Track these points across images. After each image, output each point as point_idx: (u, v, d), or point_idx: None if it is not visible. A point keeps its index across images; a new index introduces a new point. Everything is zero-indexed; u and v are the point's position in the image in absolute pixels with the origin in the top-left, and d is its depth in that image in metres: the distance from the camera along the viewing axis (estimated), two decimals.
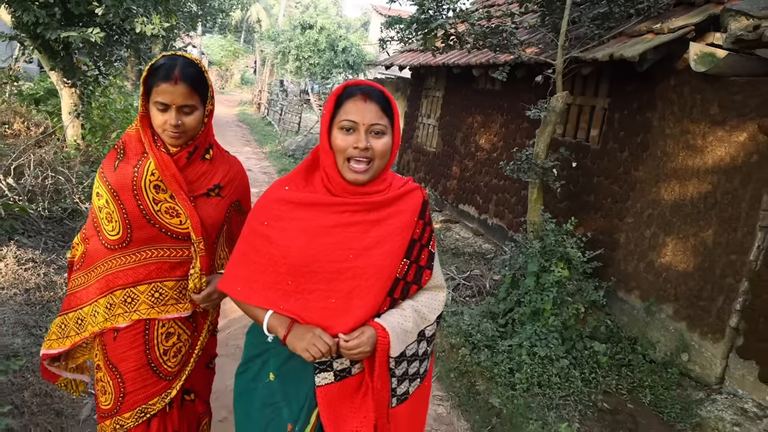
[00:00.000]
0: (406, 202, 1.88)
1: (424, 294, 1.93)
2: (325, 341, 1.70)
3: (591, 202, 6.36)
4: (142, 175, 2.07)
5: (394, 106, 1.82)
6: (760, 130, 4.49)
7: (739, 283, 4.57)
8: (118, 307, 2.13)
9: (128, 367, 2.15)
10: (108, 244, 2.12)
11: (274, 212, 1.83)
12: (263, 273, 1.82)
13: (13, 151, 6.42)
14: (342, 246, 1.77)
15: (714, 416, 4.35)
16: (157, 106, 2.00)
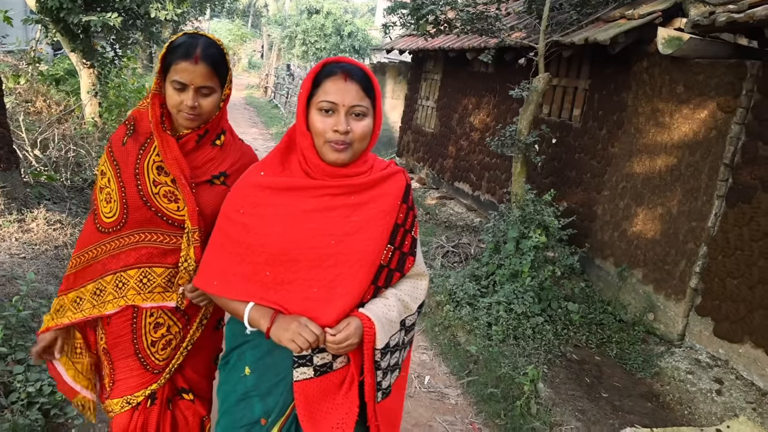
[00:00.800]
0: (389, 185, 1.79)
1: (406, 282, 1.85)
2: (311, 330, 1.61)
3: (573, 177, 6.83)
4: (147, 154, 1.98)
5: (376, 85, 1.72)
6: (718, 108, 4.94)
7: (698, 248, 5.04)
8: (109, 293, 2.04)
9: (118, 354, 2.09)
10: (102, 227, 2.02)
11: (250, 199, 1.73)
12: (240, 264, 1.72)
13: (38, 127, 6.93)
14: (322, 231, 1.68)
15: (671, 366, 4.84)
16: (174, 85, 1.89)
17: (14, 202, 5.25)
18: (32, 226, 5.16)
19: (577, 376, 4.70)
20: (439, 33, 6.52)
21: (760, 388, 4.32)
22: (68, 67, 9.45)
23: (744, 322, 4.53)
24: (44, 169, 6.29)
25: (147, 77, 13.73)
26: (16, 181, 5.36)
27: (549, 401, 4.19)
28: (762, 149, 4.51)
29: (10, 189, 5.21)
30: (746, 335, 4.50)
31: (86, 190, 6.65)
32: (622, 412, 4.25)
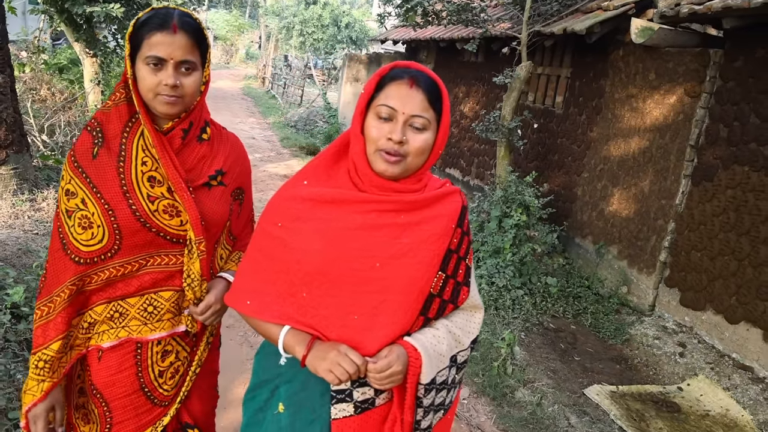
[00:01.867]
0: (444, 206, 1.60)
1: (459, 314, 1.66)
2: (352, 359, 1.44)
3: (555, 160, 7.18)
4: (130, 164, 1.66)
5: (445, 97, 1.55)
6: (685, 93, 5.29)
7: (667, 224, 5.40)
8: (102, 324, 1.74)
9: (116, 393, 1.77)
10: (80, 257, 1.66)
11: (290, 212, 1.56)
12: (276, 283, 1.56)
13: (44, 114, 7.26)
14: (367, 252, 1.50)
15: (640, 333, 5.21)
16: (149, 62, 1.58)
17: (26, 183, 5.59)
18: (43, 205, 5.50)
19: (552, 342, 5.06)
20: (427, 24, 6.85)
21: (720, 350, 4.69)
22: (71, 56, 9.77)
23: (706, 291, 4.89)
24: (51, 153, 6.63)
25: None
26: (27, 164, 5.69)
27: (524, 362, 4.55)
28: (722, 131, 4.86)
29: (21, 171, 5.55)
30: (708, 303, 4.86)
31: None
32: (592, 373, 4.61)
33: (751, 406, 4.17)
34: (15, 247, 4.56)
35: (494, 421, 3.86)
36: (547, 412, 3.95)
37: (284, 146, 12.94)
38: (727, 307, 4.68)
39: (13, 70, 5.35)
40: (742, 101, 4.73)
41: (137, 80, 1.62)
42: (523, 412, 3.96)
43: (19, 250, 4.55)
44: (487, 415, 3.93)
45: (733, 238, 4.68)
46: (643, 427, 3.90)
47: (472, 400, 4.07)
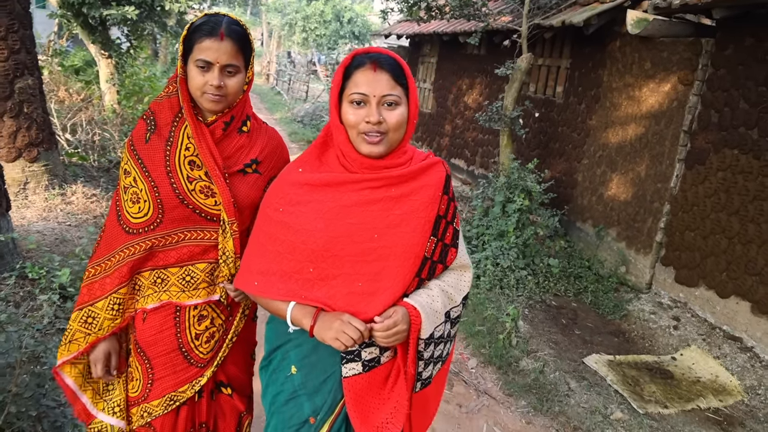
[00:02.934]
0: (430, 176, 1.75)
1: (450, 274, 1.81)
2: (355, 327, 1.58)
3: (556, 148, 7.48)
4: (175, 149, 1.89)
5: (408, 72, 1.69)
6: (679, 81, 5.58)
7: (662, 206, 5.70)
8: (148, 288, 1.96)
9: (157, 351, 1.98)
10: (130, 227, 1.91)
11: (289, 197, 1.71)
12: (281, 262, 1.70)
13: (65, 114, 7.60)
14: (365, 226, 1.66)
15: (637, 309, 5.52)
16: (198, 65, 1.80)
17: (56, 179, 5.92)
18: (72, 199, 5.84)
19: (554, 317, 5.38)
20: (430, 18, 7.15)
21: (711, 323, 5.00)
22: (85, 58, 10.10)
23: (699, 269, 5.20)
24: (75, 150, 6.97)
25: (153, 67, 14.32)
26: (56, 160, 6.03)
27: (527, 335, 4.87)
28: (714, 116, 5.15)
29: (52, 167, 5.88)
30: (701, 279, 5.17)
31: (112, 170, 7.33)
32: (592, 345, 4.93)
33: (738, 372, 4.48)
34: (52, 237, 4.90)
35: (500, 387, 4.19)
36: (548, 379, 4.27)
37: (292, 141, 13.26)
38: (719, 282, 4.98)
39: (41, 73, 5.68)
40: (732, 88, 5.01)
41: (187, 78, 1.84)
42: (527, 379, 4.28)
43: (56, 239, 4.89)
44: (493, 382, 4.26)
45: (723, 218, 4.98)
46: (638, 391, 4.21)
47: (479, 369, 4.39)
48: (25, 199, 5.61)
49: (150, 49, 14.48)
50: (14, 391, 2.61)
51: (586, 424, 3.81)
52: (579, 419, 3.86)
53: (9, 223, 4.25)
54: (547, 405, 3.99)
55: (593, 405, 4.00)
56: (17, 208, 5.30)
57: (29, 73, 5.50)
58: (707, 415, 4.06)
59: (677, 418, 3.96)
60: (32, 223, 5.16)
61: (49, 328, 3.65)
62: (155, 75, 11.43)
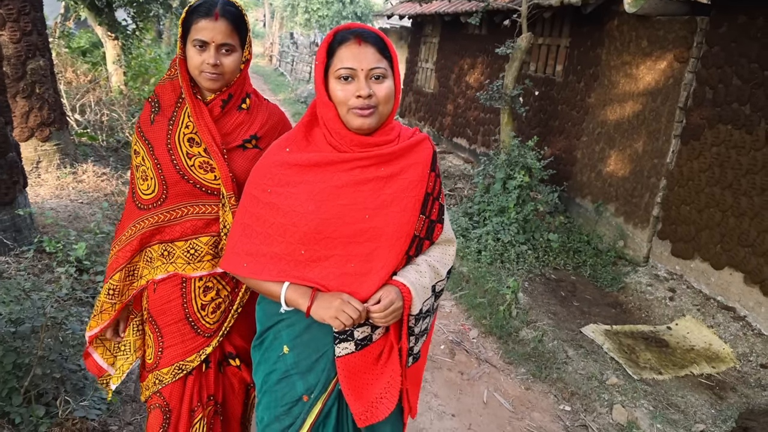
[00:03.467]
0: (418, 153, 1.75)
1: (435, 248, 1.83)
2: (354, 306, 1.60)
3: (556, 126, 7.59)
4: (176, 127, 1.98)
5: (391, 47, 1.68)
6: (674, 59, 5.68)
7: (659, 181, 5.83)
8: (156, 260, 2.08)
9: (166, 320, 2.10)
10: (141, 203, 2.05)
11: (278, 177, 1.70)
12: (271, 244, 1.70)
13: (73, 95, 7.73)
14: (356, 206, 1.66)
15: (635, 281, 5.68)
16: (195, 44, 1.88)
17: (67, 158, 6.08)
18: (83, 177, 6.00)
19: (553, 290, 5.54)
20: None
21: (706, 294, 5.15)
22: (91, 40, 10.21)
23: (694, 241, 5.34)
24: (85, 130, 7.11)
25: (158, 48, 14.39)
26: (67, 140, 6.18)
27: (527, 306, 5.04)
28: (708, 93, 5.26)
29: (63, 146, 6.03)
30: (696, 252, 5.31)
31: (121, 149, 7.48)
32: (589, 316, 5.09)
33: (731, 340, 4.64)
34: (65, 214, 5.06)
35: (501, 356, 4.36)
36: (547, 347, 4.44)
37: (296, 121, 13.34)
38: (713, 254, 5.12)
39: (51, 54, 5.81)
40: (726, 65, 5.11)
41: (186, 59, 1.93)
42: (526, 347, 4.45)
43: (70, 216, 5.05)
44: (494, 351, 4.43)
45: (717, 192, 5.11)
46: (633, 359, 4.38)
47: (480, 339, 4.56)
48: (38, 177, 5.77)
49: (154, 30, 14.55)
50: (39, 354, 2.78)
51: (582, 389, 3.98)
52: (576, 385, 4.03)
53: (26, 199, 4.41)
54: (545, 372, 4.16)
55: (590, 371, 4.16)
56: (31, 186, 5.46)
57: (41, 54, 5.63)
58: (700, 381, 4.23)
59: (671, 384, 4.13)
60: (46, 201, 5.33)
61: (66, 298, 3.82)
62: (160, 56, 11.53)
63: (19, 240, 4.20)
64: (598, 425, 3.69)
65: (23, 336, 2.83)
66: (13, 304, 2.96)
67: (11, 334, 2.82)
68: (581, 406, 3.87)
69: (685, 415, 3.78)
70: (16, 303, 2.99)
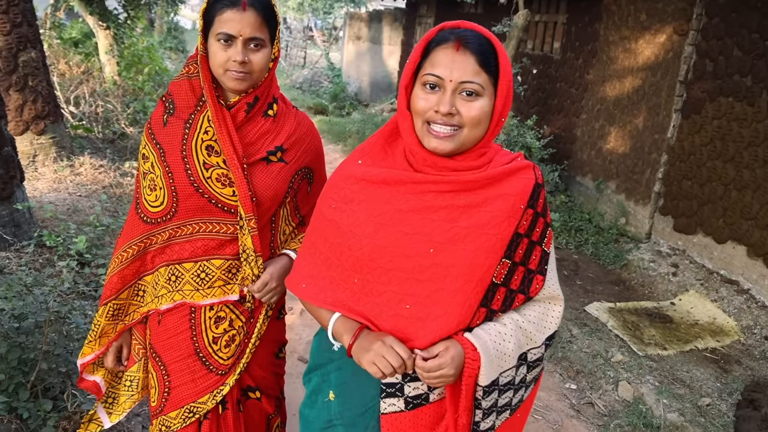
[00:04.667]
0: (511, 183, 1.43)
1: (533, 306, 1.51)
2: (397, 353, 1.35)
3: (555, 104, 7.54)
4: (194, 132, 1.74)
5: (502, 56, 1.38)
6: (674, 32, 5.63)
7: (660, 157, 5.80)
8: (162, 287, 1.84)
9: (172, 356, 1.85)
10: (148, 217, 1.81)
11: (343, 192, 1.49)
12: (330, 267, 1.51)
13: (66, 86, 7.67)
14: (420, 237, 1.39)
15: (637, 258, 5.67)
16: (219, 39, 1.64)
17: (63, 150, 6.03)
18: (81, 170, 5.96)
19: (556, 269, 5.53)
20: None
21: (709, 268, 5.14)
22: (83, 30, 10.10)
23: (696, 216, 5.32)
24: (80, 123, 7.06)
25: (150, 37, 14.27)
26: (63, 133, 6.13)
27: None
28: (708, 65, 5.22)
29: (59, 139, 5.99)
30: (698, 227, 5.29)
31: (117, 141, 7.43)
32: (593, 294, 5.09)
33: (735, 314, 4.64)
34: (64, 207, 5.03)
35: None
36: None
37: None
38: (716, 228, 5.11)
39: (42, 46, 5.75)
40: (726, 36, 5.06)
41: (209, 55, 1.69)
42: None
43: (68, 209, 5.02)
44: None
45: (719, 165, 5.08)
46: (638, 335, 4.38)
47: None
48: (35, 171, 5.74)
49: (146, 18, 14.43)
50: (44, 348, 2.77)
51: (588, 367, 3.98)
52: (581, 363, 4.03)
53: (24, 193, 4.38)
54: (550, 351, 4.16)
55: (595, 349, 4.17)
56: (28, 180, 5.43)
57: (32, 46, 5.56)
58: (705, 355, 4.23)
59: (676, 359, 4.13)
60: (44, 194, 5.29)
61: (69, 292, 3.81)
62: (153, 45, 11.43)
63: (18, 235, 4.17)
64: (604, 402, 3.70)
65: (27, 331, 2.81)
66: (16, 300, 2.94)
67: (15, 329, 2.81)
68: (587, 383, 3.87)
69: (691, 390, 3.78)
70: (19, 298, 2.97)
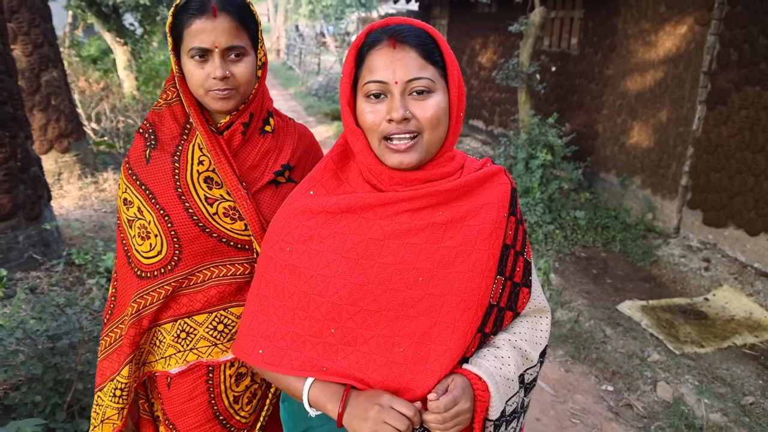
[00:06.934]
0: (490, 191, 1.29)
1: (522, 323, 1.37)
2: (400, 412, 1.16)
3: (575, 101, 7.46)
4: (186, 165, 1.50)
5: (444, 45, 1.23)
6: (695, 22, 5.53)
7: (686, 150, 5.70)
8: (169, 346, 1.58)
9: (189, 424, 1.62)
10: (143, 271, 1.52)
11: (298, 231, 1.27)
12: (292, 322, 1.26)
13: (87, 103, 7.75)
14: (405, 266, 1.21)
15: (667, 254, 5.57)
16: (192, 55, 1.41)
17: (87, 167, 6.09)
18: (105, 186, 6.01)
19: (584, 269, 5.46)
20: None
21: (742, 261, 5.04)
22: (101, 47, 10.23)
23: (727, 209, 5.22)
24: (102, 138, 7.13)
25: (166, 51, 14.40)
26: (86, 150, 6.20)
27: (560, 287, 4.96)
28: (733, 55, 5.12)
29: (82, 156, 6.05)
30: (729, 219, 5.19)
31: None
32: (624, 292, 5.01)
33: None
34: (91, 224, 5.07)
35: None
36: (584, 328, 4.37)
37: (309, 114, 13.33)
38: (748, 221, 5.00)
39: (63, 65, 5.81)
40: (751, 24, 4.96)
41: (185, 76, 1.45)
42: (563, 329, 4.38)
43: (95, 226, 5.06)
44: None
45: (749, 156, 4.97)
46: (673, 333, 4.30)
47: None
48: (61, 189, 5.80)
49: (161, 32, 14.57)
50: (79, 369, 2.78)
51: (624, 368, 3.91)
52: (617, 364, 3.96)
53: (51, 212, 4.42)
54: (584, 353, 4.10)
55: (630, 349, 4.09)
56: (54, 198, 5.48)
57: (53, 65, 5.62)
58: (744, 352, 4.13)
59: (714, 356, 4.04)
60: (70, 212, 5.34)
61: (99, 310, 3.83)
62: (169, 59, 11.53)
63: (48, 254, 4.21)
64: (643, 403, 3.63)
65: (61, 352, 2.83)
66: (50, 321, 2.95)
67: (50, 350, 2.82)
68: (624, 385, 3.80)
69: (732, 388, 3.69)
70: (52, 319, 2.98)
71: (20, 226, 4.03)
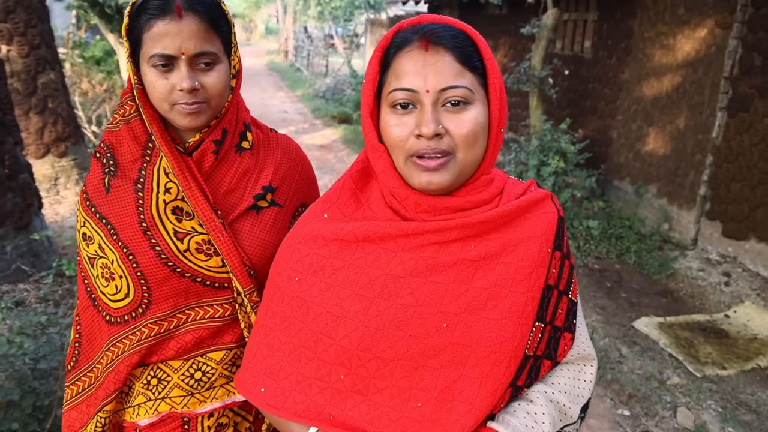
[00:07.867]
0: (533, 221, 1.10)
1: (562, 372, 1.19)
2: None
3: (588, 106, 7.23)
4: (150, 194, 1.29)
5: (484, 49, 1.04)
6: (716, 25, 5.30)
7: (705, 158, 5.47)
8: (138, 394, 1.39)
9: None
10: (111, 316, 1.34)
11: (308, 259, 1.12)
12: (298, 361, 1.11)
13: (89, 106, 7.59)
14: (428, 309, 1.04)
15: (684, 267, 5.34)
16: (154, 63, 1.19)
17: (85, 172, 5.92)
18: None
19: (598, 281, 5.23)
20: None
21: (765, 276, 4.80)
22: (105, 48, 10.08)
23: (748, 221, 4.98)
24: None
25: None
26: (85, 154, 6.03)
27: None
28: (757, 59, 4.88)
29: (80, 161, 5.89)
30: (751, 232, 4.96)
31: None
32: (639, 307, 4.78)
33: None
34: None
35: None
36: (598, 345, 4.15)
37: (316, 117, 13.14)
38: None
39: (62, 67, 5.65)
40: None
41: (146, 87, 1.23)
42: None
43: None
44: None
45: None
46: (693, 353, 4.07)
47: None
48: (57, 194, 5.63)
49: None
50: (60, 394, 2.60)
51: (641, 390, 3.69)
52: (634, 386, 3.74)
53: (42, 221, 4.25)
54: (599, 374, 3.87)
55: (648, 370, 3.87)
56: (49, 204, 5.32)
57: (51, 67, 5.47)
58: None
59: (737, 379, 3.82)
60: (66, 219, 5.17)
61: None
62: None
63: (37, 265, 4.04)
64: (662, 430, 3.41)
65: (41, 375, 2.65)
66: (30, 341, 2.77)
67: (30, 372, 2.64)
68: (641, 409, 3.58)
69: (758, 416, 3.47)
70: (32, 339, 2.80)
71: (8, 236, 3.86)
